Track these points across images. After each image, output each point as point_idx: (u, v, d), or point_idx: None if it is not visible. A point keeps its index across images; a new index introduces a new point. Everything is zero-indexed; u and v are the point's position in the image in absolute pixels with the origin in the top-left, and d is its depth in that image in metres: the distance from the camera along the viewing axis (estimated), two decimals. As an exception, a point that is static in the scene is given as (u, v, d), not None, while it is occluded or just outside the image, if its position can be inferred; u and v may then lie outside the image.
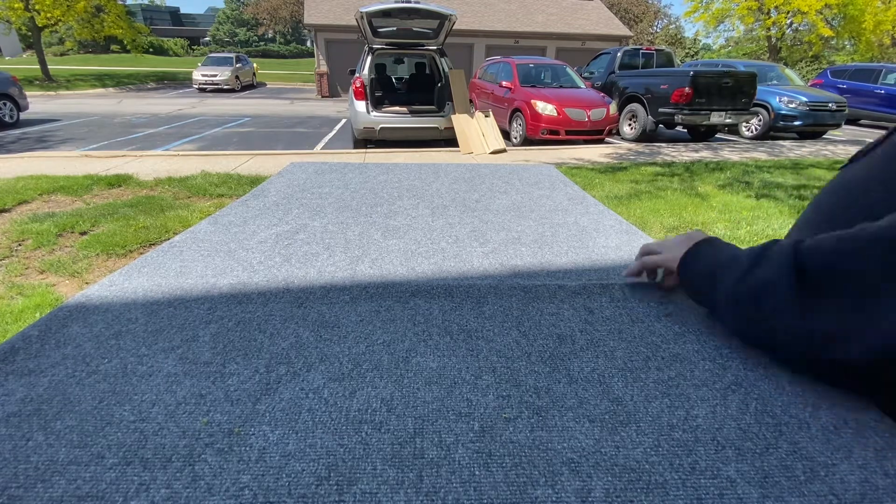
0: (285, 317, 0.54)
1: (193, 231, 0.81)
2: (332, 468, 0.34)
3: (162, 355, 0.46)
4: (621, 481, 0.33)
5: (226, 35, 50.62)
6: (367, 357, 0.47)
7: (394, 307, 0.57)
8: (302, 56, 44.77)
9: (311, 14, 16.62)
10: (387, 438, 0.37)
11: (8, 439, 0.36)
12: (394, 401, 0.41)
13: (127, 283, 0.62)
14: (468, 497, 0.32)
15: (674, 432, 0.38)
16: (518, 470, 0.34)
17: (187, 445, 0.36)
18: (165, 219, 3.37)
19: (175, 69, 26.59)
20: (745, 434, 0.38)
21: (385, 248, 0.74)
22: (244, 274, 0.65)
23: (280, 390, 0.42)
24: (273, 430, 0.37)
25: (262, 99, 15.35)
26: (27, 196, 3.81)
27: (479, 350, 0.48)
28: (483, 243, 0.78)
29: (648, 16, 34.89)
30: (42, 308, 2.22)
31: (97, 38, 18.04)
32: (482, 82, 9.00)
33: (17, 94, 8.26)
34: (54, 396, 0.40)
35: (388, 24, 6.04)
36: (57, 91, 15.25)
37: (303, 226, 0.82)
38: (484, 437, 0.37)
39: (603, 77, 8.85)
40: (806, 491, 0.33)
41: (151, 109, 11.48)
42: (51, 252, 2.87)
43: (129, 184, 4.32)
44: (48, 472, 0.33)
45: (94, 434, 0.36)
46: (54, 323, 0.52)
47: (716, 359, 0.47)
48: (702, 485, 0.33)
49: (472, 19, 17.24)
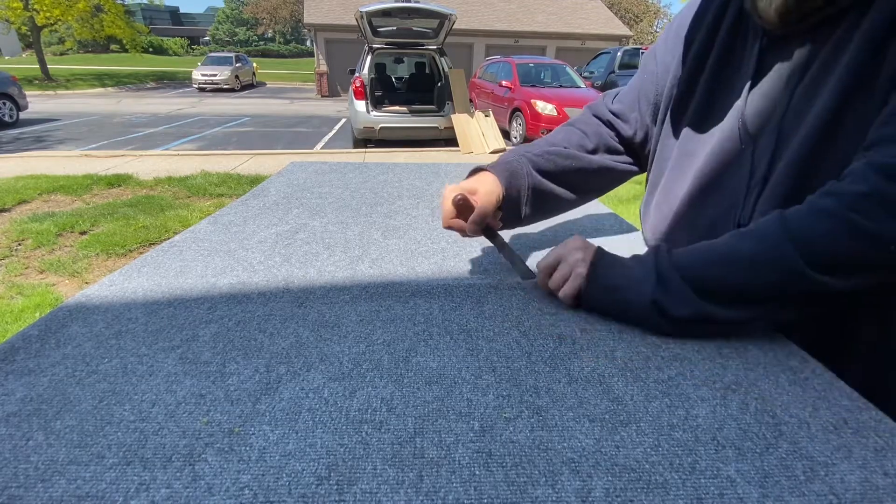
0: (285, 316, 0.54)
1: (193, 231, 0.81)
2: (333, 468, 0.34)
3: (162, 355, 0.46)
4: (621, 481, 0.33)
5: (225, 34, 50.60)
6: (367, 357, 0.47)
7: (394, 307, 0.57)
8: (302, 56, 44.75)
9: (311, 13, 16.61)
10: (387, 438, 0.37)
11: (8, 439, 0.36)
12: (394, 400, 0.41)
13: (127, 282, 0.62)
14: (468, 497, 0.32)
15: (674, 432, 0.38)
16: (518, 469, 0.34)
17: (187, 445, 0.36)
18: (165, 218, 3.37)
19: (174, 69, 26.59)
20: (745, 434, 0.38)
21: (385, 248, 0.74)
22: (244, 273, 0.65)
23: (280, 390, 0.42)
24: (273, 430, 0.37)
25: (262, 98, 15.35)
26: (27, 196, 3.81)
27: (480, 350, 0.48)
28: (483, 242, 0.78)
29: (648, 15, 34.90)
30: (42, 308, 2.23)
31: (97, 38, 18.05)
32: (482, 82, 9.01)
33: (17, 93, 8.26)
34: (54, 396, 0.40)
35: (387, 24, 6.04)
36: (56, 91, 15.24)
37: (303, 225, 0.82)
38: (484, 436, 0.37)
39: (603, 77, 8.85)
40: (806, 490, 0.33)
41: (151, 109, 11.48)
42: (50, 252, 2.87)
43: (129, 183, 4.32)
44: (48, 471, 0.33)
45: (94, 434, 0.36)
46: (54, 322, 0.52)
47: (716, 358, 0.47)
48: (702, 484, 0.33)
49: (472, 19, 17.23)
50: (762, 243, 0.47)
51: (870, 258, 0.43)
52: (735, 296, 0.48)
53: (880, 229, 0.42)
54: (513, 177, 0.66)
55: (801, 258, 0.44)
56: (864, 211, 0.43)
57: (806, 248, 0.44)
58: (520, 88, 7.42)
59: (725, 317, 0.49)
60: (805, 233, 0.45)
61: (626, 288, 0.52)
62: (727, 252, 0.49)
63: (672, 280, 0.49)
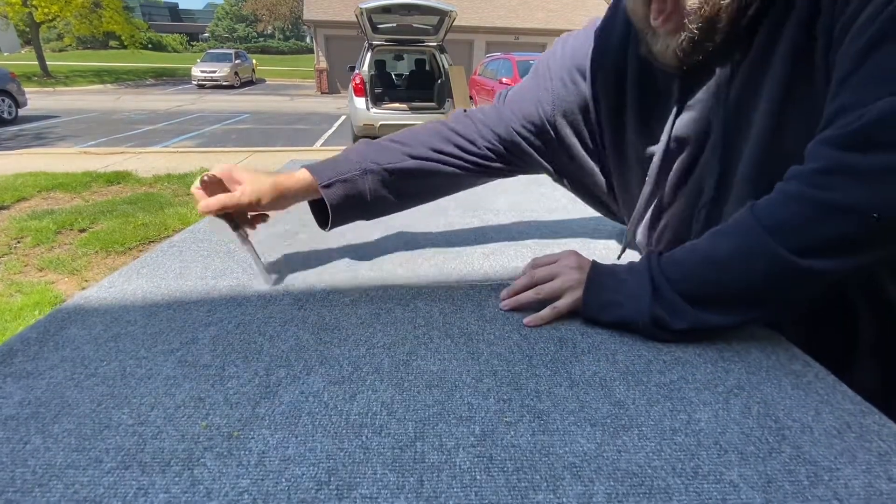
0: (285, 319, 0.54)
1: (193, 230, 0.80)
2: (332, 472, 0.34)
3: (161, 358, 0.46)
4: (623, 486, 0.33)
5: (225, 31, 50.43)
6: (367, 360, 0.47)
7: (394, 309, 0.56)
8: (301, 52, 44.60)
9: (311, 10, 16.55)
10: (387, 442, 0.36)
11: (5, 442, 0.35)
12: (394, 404, 0.41)
13: (126, 284, 0.61)
14: (469, 501, 0.32)
15: (676, 436, 0.38)
16: (519, 474, 0.34)
17: (186, 449, 0.35)
18: (164, 216, 3.36)
19: (174, 65, 26.50)
20: (747, 438, 0.37)
21: (385, 250, 0.74)
22: (244, 275, 0.64)
23: (280, 393, 0.42)
24: (273, 434, 0.37)
25: (262, 95, 15.31)
26: (26, 193, 3.80)
27: (480, 353, 0.48)
28: (484, 244, 0.78)
29: (649, 12, 34.74)
30: (41, 306, 2.22)
31: (95, 34, 18.00)
32: (482, 79, 8.98)
33: (16, 90, 8.22)
34: (52, 399, 0.40)
35: (387, 21, 6.02)
36: (55, 87, 15.20)
37: (303, 226, 0.82)
38: (485, 440, 0.37)
39: (603, 74, 8.81)
40: (809, 495, 0.32)
41: (150, 106, 11.45)
42: (50, 249, 2.87)
43: (128, 181, 4.31)
44: (46, 475, 0.33)
45: (93, 437, 0.36)
46: (52, 325, 0.51)
47: (718, 362, 0.47)
48: (704, 489, 0.33)
49: (472, 15, 17.17)
50: (738, 237, 0.46)
51: (847, 232, 0.41)
52: (728, 298, 0.47)
53: (846, 199, 0.41)
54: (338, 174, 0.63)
55: (780, 245, 0.43)
56: (825, 185, 0.42)
57: (780, 234, 0.43)
58: (520, 86, 7.39)
59: (724, 323, 0.48)
60: (776, 220, 0.44)
61: (623, 305, 0.51)
62: (708, 254, 0.48)
63: (666, 291, 0.49)
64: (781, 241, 0.43)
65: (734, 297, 0.47)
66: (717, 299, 0.48)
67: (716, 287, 0.47)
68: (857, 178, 0.40)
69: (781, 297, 0.46)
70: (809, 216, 0.42)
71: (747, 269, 0.45)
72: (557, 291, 0.55)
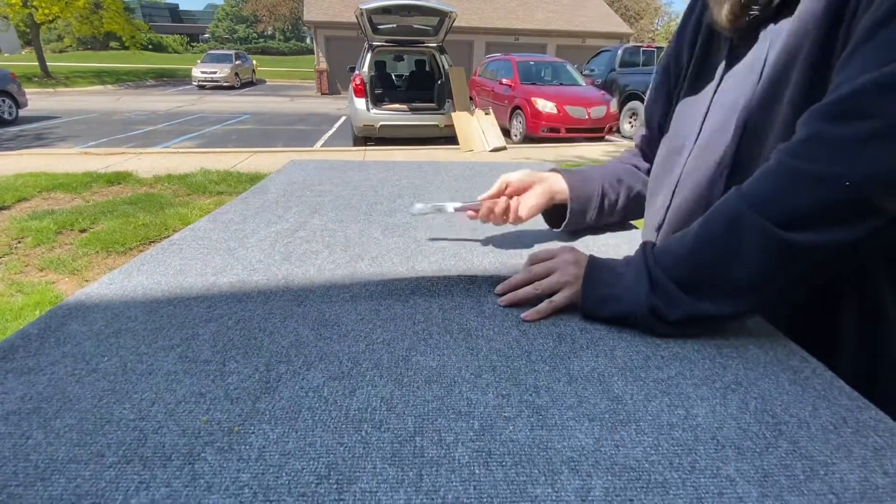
0: (285, 315, 0.54)
1: (193, 229, 0.80)
2: (332, 467, 0.34)
3: (162, 353, 0.46)
4: (621, 480, 0.33)
5: (225, 32, 50.48)
6: (366, 356, 0.47)
7: (394, 306, 0.57)
8: (301, 53, 44.64)
9: (311, 11, 16.57)
10: (386, 437, 0.37)
11: (7, 437, 0.36)
12: (393, 399, 0.41)
13: (126, 281, 0.61)
14: (468, 496, 0.32)
15: (673, 431, 0.38)
16: (518, 468, 0.34)
17: (187, 444, 0.35)
18: (165, 216, 3.37)
19: (174, 66, 26.53)
20: (744, 433, 0.38)
21: (385, 246, 0.74)
22: (244, 272, 0.65)
23: (280, 389, 0.42)
24: (273, 429, 0.37)
25: (262, 96, 15.32)
26: (26, 193, 3.80)
27: (479, 349, 0.48)
28: (483, 241, 0.78)
29: (649, 13, 34.82)
30: (42, 305, 2.23)
31: (96, 35, 18.02)
32: (482, 80, 8.99)
33: (16, 90, 8.24)
34: (54, 395, 0.40)
35: (387, 21, 6.03)
36: (56, 88, 15.22)
37: (302, 223, 0.82)
38: (484, 435, 0.37)
39: (603, 75, 8.83)
40: (805, 490, 0.33)
41: (150, 106, 11.46)
42: (50, 249, 2.87)
43: (129, 181, 4.32)
44: (48, 470, 0.33)
45: (94, 432, 0.36)
46: (54, 321, 0.51)
47: (715, 357, 0.47)
48: (701, 484, 0.33)
49: (472, 16, 17.18)
50: (725, 215, 0.47)
51: (829, 202, 0.41)
52: (720, 282, 0.47)
53: (817, 167, 0.41)
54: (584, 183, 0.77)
55: (764, 218, 0.43)
56: (803, 156, 0.42)
57: (764, 209, 0.43)
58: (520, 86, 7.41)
59: (718, 312, 0.48)
60: (758, 195, 0.44)
61: (621, 298, 0.51)
62: (698, 238, 0.48)
63: (661, 279, 0.49)
64: (764, 213, 0.43)
65: (726, 281, 0.47)
66: (710, 284, 0.48)
67: (708, 271, 0.48)
68: (832, 146, 0.41)
69: (771, 277, 0.45)
70: (785, 186, 0.43)
71: (737, 247, 0.45)
72: (555, 287, 0.55)
